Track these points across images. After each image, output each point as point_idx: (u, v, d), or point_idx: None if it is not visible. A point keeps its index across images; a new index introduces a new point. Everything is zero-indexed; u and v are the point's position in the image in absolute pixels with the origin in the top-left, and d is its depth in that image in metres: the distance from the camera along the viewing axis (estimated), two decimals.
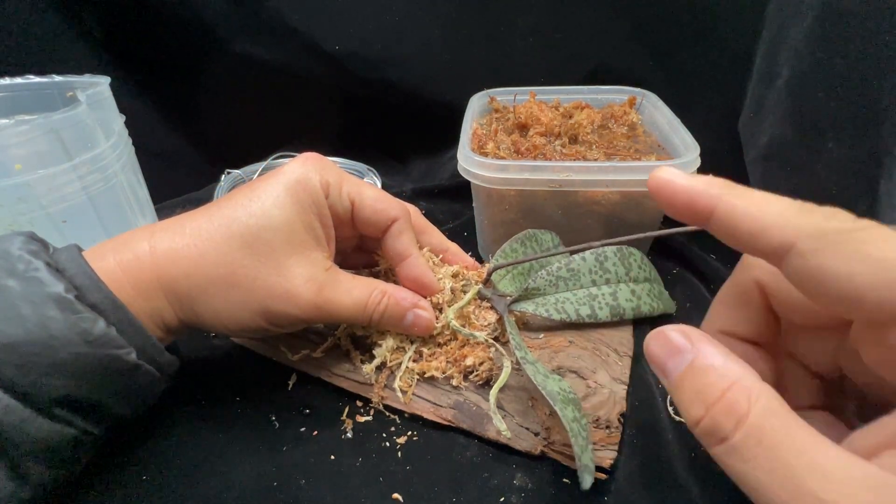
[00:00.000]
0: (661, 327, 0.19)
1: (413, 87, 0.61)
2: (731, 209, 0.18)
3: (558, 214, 0.41)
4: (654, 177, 0.20)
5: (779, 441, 0.15)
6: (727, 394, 0.17)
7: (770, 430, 0.16)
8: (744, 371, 0.17)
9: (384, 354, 0.33)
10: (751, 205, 0.18)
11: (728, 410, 0.16)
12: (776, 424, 0.16)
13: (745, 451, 0.16)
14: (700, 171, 0.38)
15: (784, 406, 0.16)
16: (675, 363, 0.18)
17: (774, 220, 0.17)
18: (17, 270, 0.23)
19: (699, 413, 0.17)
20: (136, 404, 0.27)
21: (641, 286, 0.38)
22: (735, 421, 0.16)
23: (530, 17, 0.56)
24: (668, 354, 0.19)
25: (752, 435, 0.16)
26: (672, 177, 0.19)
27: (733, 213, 0.18)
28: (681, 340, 0.18)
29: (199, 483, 0.28)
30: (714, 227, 0.19)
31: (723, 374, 0.17)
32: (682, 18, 0.51)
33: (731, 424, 0.16)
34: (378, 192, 0.32)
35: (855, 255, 0.15)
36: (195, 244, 0.27)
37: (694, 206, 0.19)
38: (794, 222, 0.17)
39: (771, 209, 0.17)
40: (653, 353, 0.19)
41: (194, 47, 0.59)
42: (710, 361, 0.17)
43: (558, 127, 0.45)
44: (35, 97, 0.42)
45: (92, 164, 0.37)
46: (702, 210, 0.19)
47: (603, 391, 0.31)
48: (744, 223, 0.18)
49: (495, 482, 0.28)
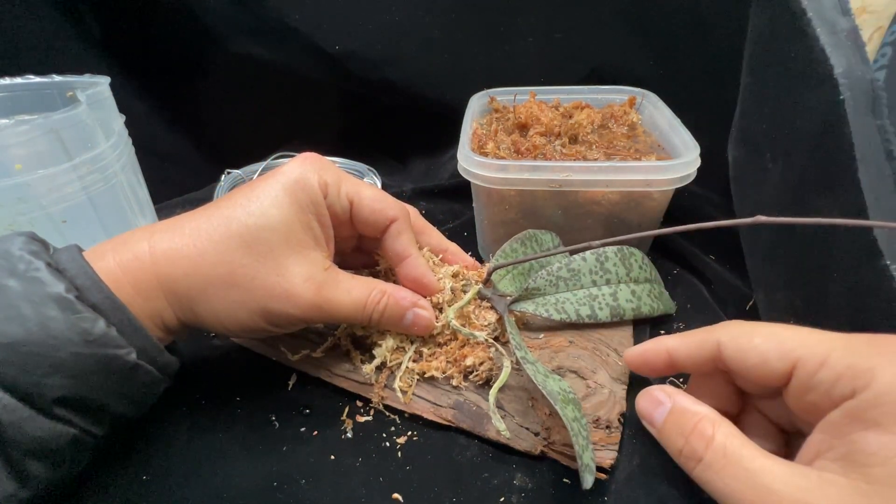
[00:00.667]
0: (647, 388, 0.27)
1: (413, 87, 0.60)
2: (673, 348, 0.27)
3: (558, 214, 0.41)
4: (625, 358, 0.30)
5: (737, 452, 0.21)
6: (697, 425, 0.23)
7: (730, 445, 0.22)
8: (707, 410, 0.24)
9: (384, 354, 0.33)
10: (683, 337, 0.27)
11: (699, 436, 0.23)
12: (735, 442, 0.22)
13: (715, 464, 0.22)
14: (700, 171, 0.38)
15: (739, 432, 0.22)
16: (659, 413, 0.25)
17: (702, 337, 0.26)
18: (18, 270, 0.23)
19: (680, 443, 0.24)
20: (137, 404, 0.27)
21: (642, 287, 0.38)
22: (705, 443, 0.22)
23: (530, 17, 0.56)
24: (654, 407, 0.26)
25: (717, 450, 0.22)
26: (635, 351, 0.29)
27: (676, 348, 0.27)
28: (662, 396, 0.26)
29: (199, 483, 0.28)
30: (677, 365, 0.27)
31: (693, 412, 0.24)
32: (682, 18, 0.51)
33: (703, 445, 0.22)
34: (376, 192, 0.32)
35: (755, 335, 0.24)
36: (194, 244, 0.27)
37: (656, 360, 0.28)
38: (715, 332, 0.25)
39: (697, 333, 0.26)
40: (642, 408, 0.27)
41: (194, 47, 0.59)
42: (684, 405, 0.25)
43: (558, 127, 0.45)
44: (35, 97, 0.42)
45: (92, 164, 0.37)
46: (662, 360, 0.28)
47: (603, 391, 0.31)
48: (684, 349, 0.27)
49: (495, 482, 0.28)
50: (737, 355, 0.24)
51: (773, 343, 0.23)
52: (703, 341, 0.26)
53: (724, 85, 0.48)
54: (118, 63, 0.58)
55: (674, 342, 0.27)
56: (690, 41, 0.51)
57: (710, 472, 0.22)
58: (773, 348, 0.23)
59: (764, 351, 0.23)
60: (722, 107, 0.46)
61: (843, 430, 0.20)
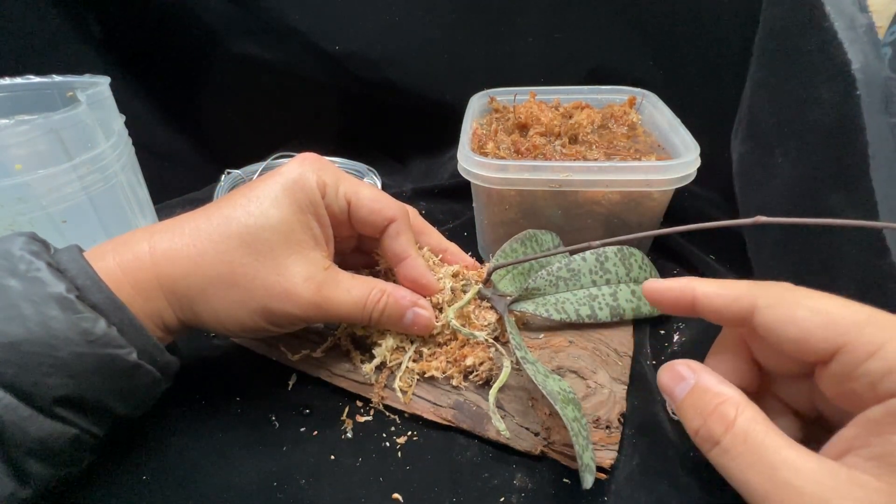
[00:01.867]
0: (671, 361, 0.25)
1: (413, 87, 0.61)
2: (703, 294, 0.24)
3: (558, 214, 0.41)
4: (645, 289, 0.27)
5: (759, 441, 0.20)
6: (719, 406, 0.21)
7: (752, 432, 0.20)
8: (733, 391, 0.22)
9: (384, 354, 0.33)
10: (720, 286, 0.24)
11: (719, 419, 0.21)
12: (758, 429, 0.20)
13: (733, 449, 0.20)
14: (700, 171, 0.38)
15: (765, 418, 0.21)
16: (681, 388, 0.23)
17: (740, 292, 0.23)
18: (19, 270, 0.23)
19: (698, 423, 0.22)
20: (137, 404, 0.27)
21: (642, 287, 0.38)
22: (724, 426, 0.21)
23: (530, 17, 0.56)
24: (675, 382, 0.24)
25: (738, 436, 0.20)
26: (658, 285, 0.26)
27: (707, 295, 0.24)
28: (686, 371, 0.24)
29: (199, 483, 0.28)
30: (699, 309, 0.25)
31: (716, 393, 0.22)
32: (681, 18, 0.51)
33: (722, 429, 0.21)
34: (375, 192, 0.32)
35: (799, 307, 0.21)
36: (194, 244, 0.27)
37: (679, 301, 0.25)
38: (754, 291, 0.22)
39: (736, 286, 0.23)
40: (664, 381, 0.25)
41: (194, 47, 0.59)
42: (707, 384, 0.23)
43: (558, 127, 0.45)
44: (35, 97, 0.42)
45: (92, 164, 0.37)
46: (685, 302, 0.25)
47: (603, 391, 0.31)
48: (717, 300, 0.24)
49: (495, 482, 0.28)
50: (774, 325, 0.21)
51: (819, 319, 0.20)
52: (737, 298, 0.23)
53: (724, 85, 0.48)
54: (118, 63, 0.58)
55: (705, 288, 0.24)
56: (690, 41, 0.51)
57: (726, 457, 0.20)
58: (818, 325, 0.20)
59: (807, 327, 0.20)
60: (722, 107, 0.46)
61: (884, 429, 0.18)
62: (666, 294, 0.26)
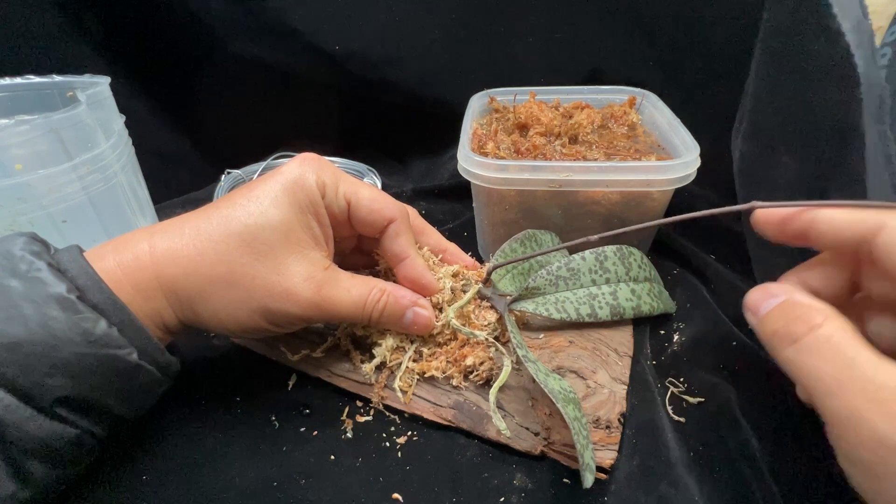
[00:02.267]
0: (764, 283, 0.24)
1: (413, 87, 0.61)
2: (826, 214, 0.23)
3: (558, 214, 0.41)
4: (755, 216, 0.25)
5: (846, 344, 0.19)
6: (807, 311, 0.21)
7: (839, 337, 0.19)
8: (826, 306, 0.21)
9: (384, 354, 0.33)
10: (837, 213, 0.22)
11: (804, 321, 0.21)
12: (846, 336, 0.19)
13: (814, 346, 0.20)
14: (700, 171, 0.38)
15: (856, 330, 0.20)
16: (768, 303, 0.23)
17: (866, 214, 0.21)
18: (20, 271, 0.23)
19: (778, 325, 0.21)
20: (137, 404, 0.27)
21: (641, 286, 0.38)
22: (808, 328, 0.20)
23: (530, 18, 0.56)
24: (764, 298, 0.23)
25: (822, 336, 0.20)
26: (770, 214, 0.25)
27: (830, 220, 0.22)
28: (778, 290, 0.23)
29: (199, 483, 0.28)
30: (814, 236, 0.23)
31: (808, 304, 0.21)
32: (681, 19, 0.51)
33: (805, 329, 0.20)
34: (375, 193, 0.32)
35: None
36: (194, 244, 0.27)
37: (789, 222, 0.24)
38: (881, 213, 0.21)
39: (853, 213, 0.22)
40: (751, 300, 0.24)
41: (194, 47, 0.59)
42: (798, 298, 0.22)
43: (558, 127, 0.45)
44: (35, 97, 0.42)
45: (92, 164, 0.37)
46: (798, 224, 0.23)
47: (603, 391, 0.31)
48: (842, 217, 0.22)
49: (495, 482, 0.28)
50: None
51: None
52: (860, 219, 0.22)
53: (724, 85, 0.48)
54: (118, 63, 0.58)
55: (826, 209, 0.23)
56: (690, 41, 0.51)
57: (802, 353, 0.20)
58: None
59: None
60: (722, 107, 0.46)
61: None
62: (777, 215, 0.24)
